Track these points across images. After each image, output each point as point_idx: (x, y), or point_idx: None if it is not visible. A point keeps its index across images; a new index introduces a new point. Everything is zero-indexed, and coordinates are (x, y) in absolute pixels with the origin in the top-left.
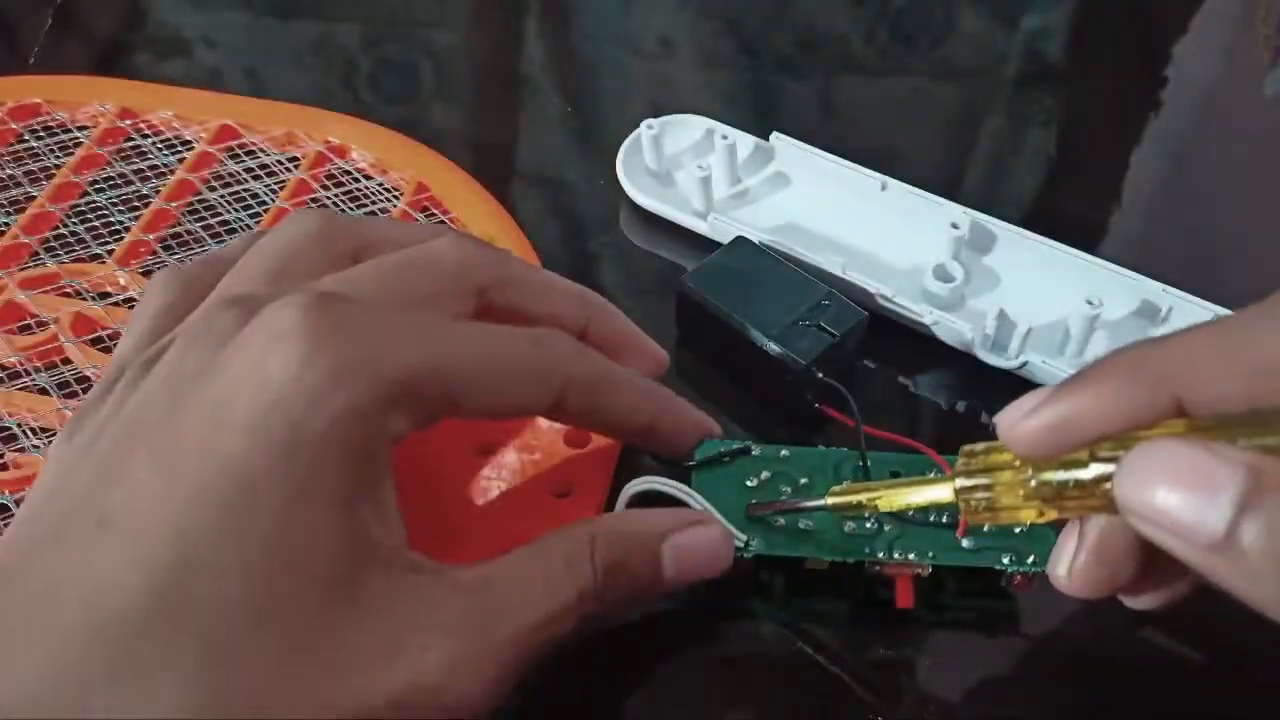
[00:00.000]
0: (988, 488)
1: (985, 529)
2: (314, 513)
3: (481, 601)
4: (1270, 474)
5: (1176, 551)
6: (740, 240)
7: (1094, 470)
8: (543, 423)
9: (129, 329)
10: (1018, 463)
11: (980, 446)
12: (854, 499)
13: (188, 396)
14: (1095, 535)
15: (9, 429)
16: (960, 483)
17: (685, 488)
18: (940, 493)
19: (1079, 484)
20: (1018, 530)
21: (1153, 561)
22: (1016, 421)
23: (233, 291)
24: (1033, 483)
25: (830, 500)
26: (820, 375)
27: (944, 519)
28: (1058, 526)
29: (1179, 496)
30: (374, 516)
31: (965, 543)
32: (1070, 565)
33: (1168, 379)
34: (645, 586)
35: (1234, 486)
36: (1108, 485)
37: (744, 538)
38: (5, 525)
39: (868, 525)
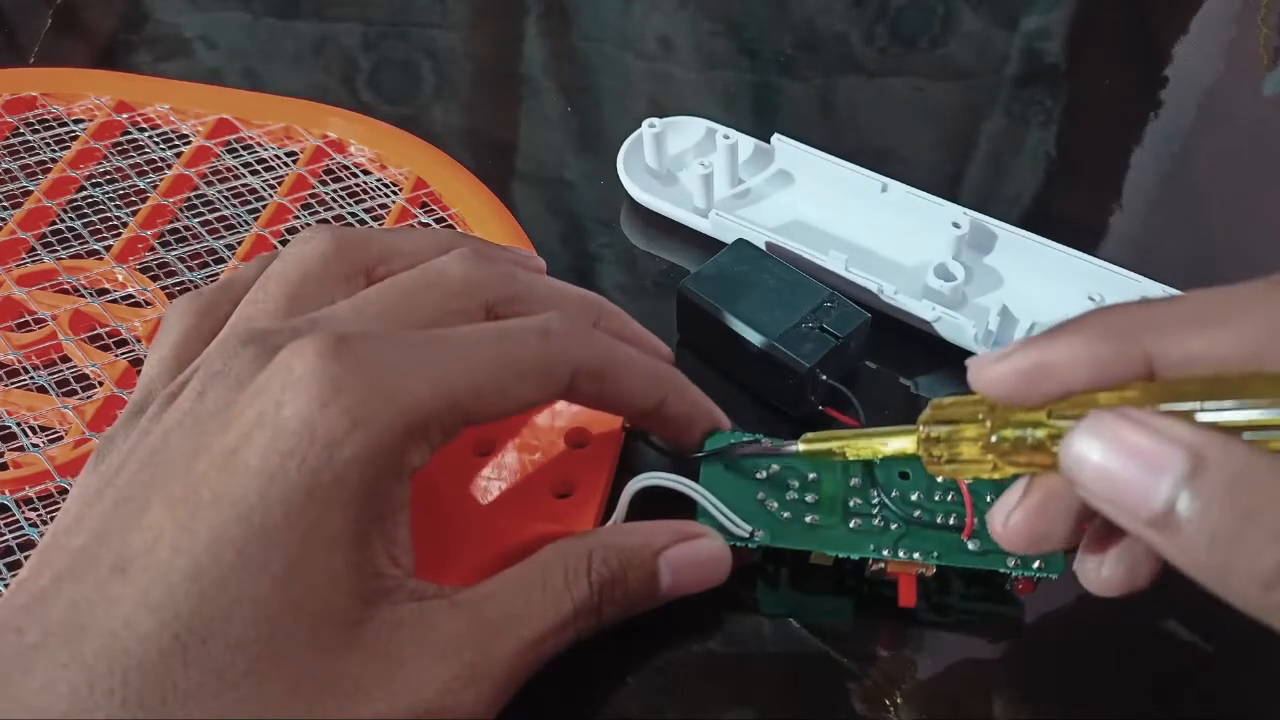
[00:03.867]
0: (951, 440)
1: None
2: (325, 554)
3: (480, 619)
4: (1213, 453)
5: (1117, 520)
6: (740, 242)
7: (1047, 431)
8: (543, 422)
9: (152, 353)
10: (981, 417)
11: (948, 400)
12: (825, 445)
13: (206, 439)
14: (1039, 494)
15: (8, 428)
16: (924, 431)
17: (691, 483)
18: (905, 443)
19: (1034, 442)
20: None
21: (1100, 534)
22: (988, 364)
23: (250, 326)
24: (993, 438)
25: (802, 446)
26: (824, 378)
27: (950, 520)
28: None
29: (1122, 470)
30: (384, 550)
31: (970, 545)
32: (1007, 517)
33: (1141, 334)
34: (642, 600)
35: (1176, 466)
36: (1056, 448)
37: (749, 529)
38: (5, 526)
39: (875, 523)
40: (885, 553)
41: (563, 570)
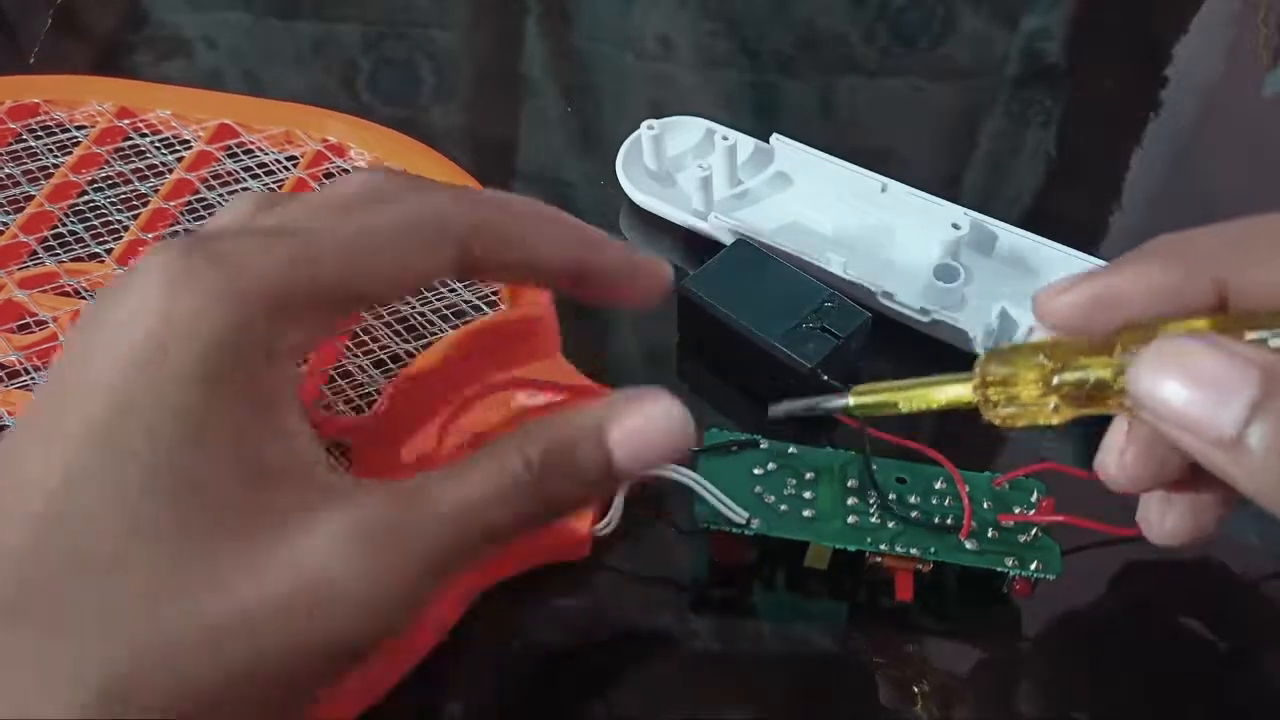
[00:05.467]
0: (1009, 382)
1: (989, 533)
2: (195, 438)
3: (392, 502)
4: None
5: (1185, 445)
6: (740, 242)
7: (1113, 369)
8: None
9: None
10: (1043, 357)
11: (1005, 346)
12: (878, 399)
13: (81, 339)
14: (1148, 430)
15: (8, 428)
16: (982, 374)
17: (688, 471)
18: (962, 390)
19: (1097, 381)
20: (1021, 538)
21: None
22: (1054, 294)
23: (195, 232)
24: (1055, 379)
25: (853, 400)
26: (825, 378)
27: (949, 520)
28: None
29: (1192, 394)
30: (268, 435)
31: (968, 544)
32: (1120, 458)
33: (1212, 259)
34: (595, 478)
35: (1248, 388)
36: (1123, 385)
37: (745, 514)
38: None
39: (872, 519)
40: (883, 546)
41: (496, 449)
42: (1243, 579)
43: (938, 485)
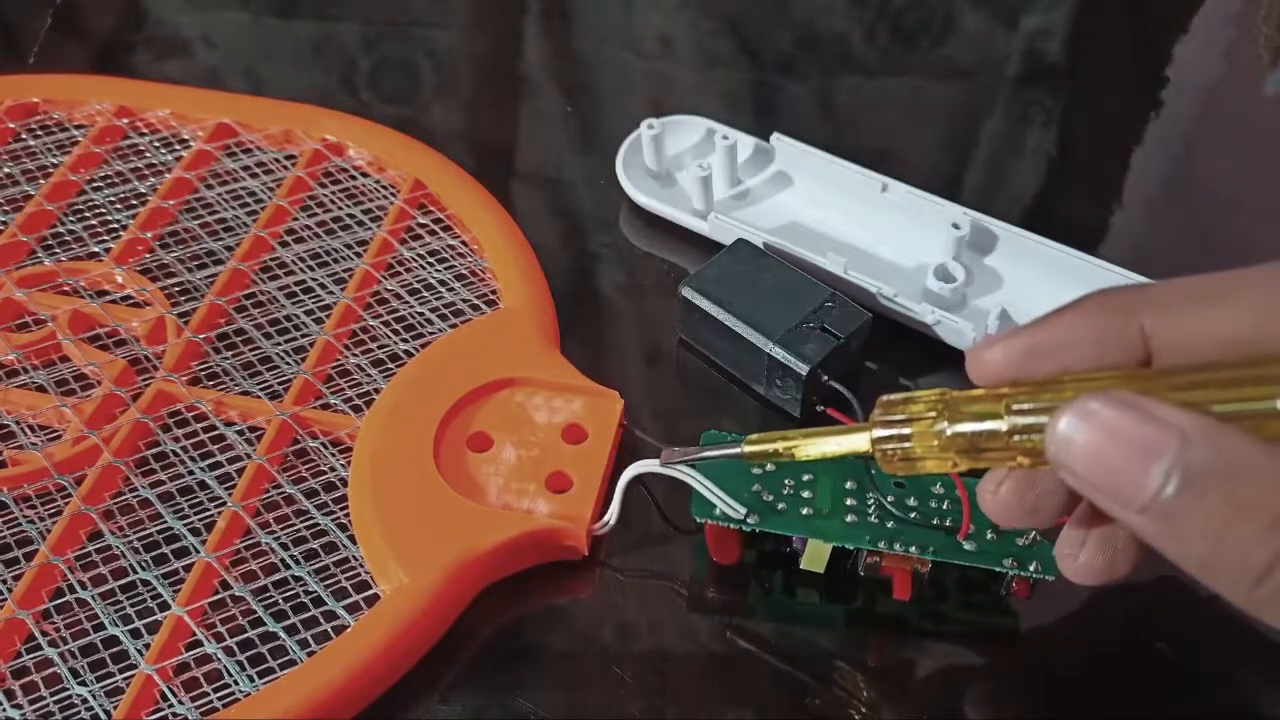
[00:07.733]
0: (904, 438)
1: (988, 535)
2: None
3: None
4: (1207, 439)
5: (1105, 507)
6: (741, 242)
7: (1007, 422)
8: (541, 420)
9: None
10: (933, 414)
11: (898, 397)
12: (769, 447)
13: None
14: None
15: (7, 426)
16: (877, 432)
17: (688, 469)
18: (857, 441)
19: (993, 435)
20: (1019, 540)
21: (1087, 512)
22: (986, 349)
23: None
24: (947, 433)
25: (746, 449)
26: (825, 378)
27: (947, 522)
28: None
29: (1111, 456)
30: None
31: (966, 545)
32: (998, 486)
33: (1140, 312)
34: None
35: (1169, 452)
36: (1018, 438)
37: (743, 511)
38: (3, 524)
39: (870, 519)
40: (881, 544)
41: None
42: None
43: (936, 488)
